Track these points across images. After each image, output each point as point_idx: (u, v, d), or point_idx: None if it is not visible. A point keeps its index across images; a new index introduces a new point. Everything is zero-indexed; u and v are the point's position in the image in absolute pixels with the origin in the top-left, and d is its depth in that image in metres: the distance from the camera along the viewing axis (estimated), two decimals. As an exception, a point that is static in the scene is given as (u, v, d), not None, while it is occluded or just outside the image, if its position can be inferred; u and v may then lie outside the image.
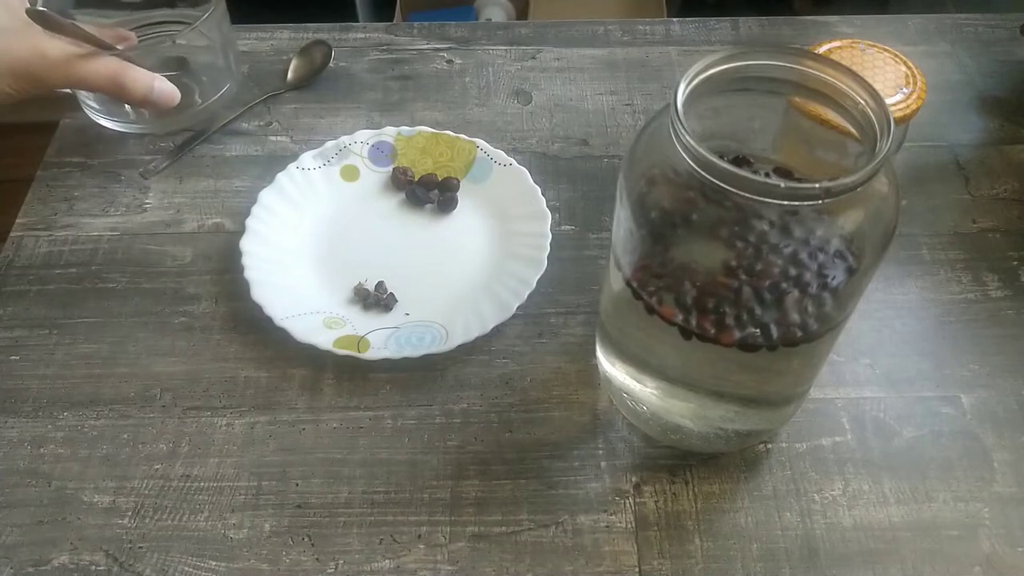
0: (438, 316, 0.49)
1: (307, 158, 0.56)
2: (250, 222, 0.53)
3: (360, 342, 0.47)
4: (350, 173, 0.57)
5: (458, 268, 0.52)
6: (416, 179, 0.56)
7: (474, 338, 0.47)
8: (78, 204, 0.57)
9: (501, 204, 0.55)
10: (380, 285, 0.51)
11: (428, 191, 0.56)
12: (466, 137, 0.57)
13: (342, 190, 0.56)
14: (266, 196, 0.54)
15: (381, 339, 0.48)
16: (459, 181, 0.56)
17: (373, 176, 0.57)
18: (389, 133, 0.58)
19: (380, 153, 0.57)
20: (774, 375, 0.40)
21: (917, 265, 0.53)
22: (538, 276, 0.49)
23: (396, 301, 0.50)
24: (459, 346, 0.47)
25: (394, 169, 0.57)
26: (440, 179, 0.56)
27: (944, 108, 0.62)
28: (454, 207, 0.55)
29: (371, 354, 0.47)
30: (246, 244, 0.51)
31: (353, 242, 0.54)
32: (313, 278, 0.51)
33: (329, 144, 0.57)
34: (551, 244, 0.51)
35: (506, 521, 0.43)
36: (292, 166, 0.56)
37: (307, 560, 0.41)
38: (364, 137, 0.58)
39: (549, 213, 0.52)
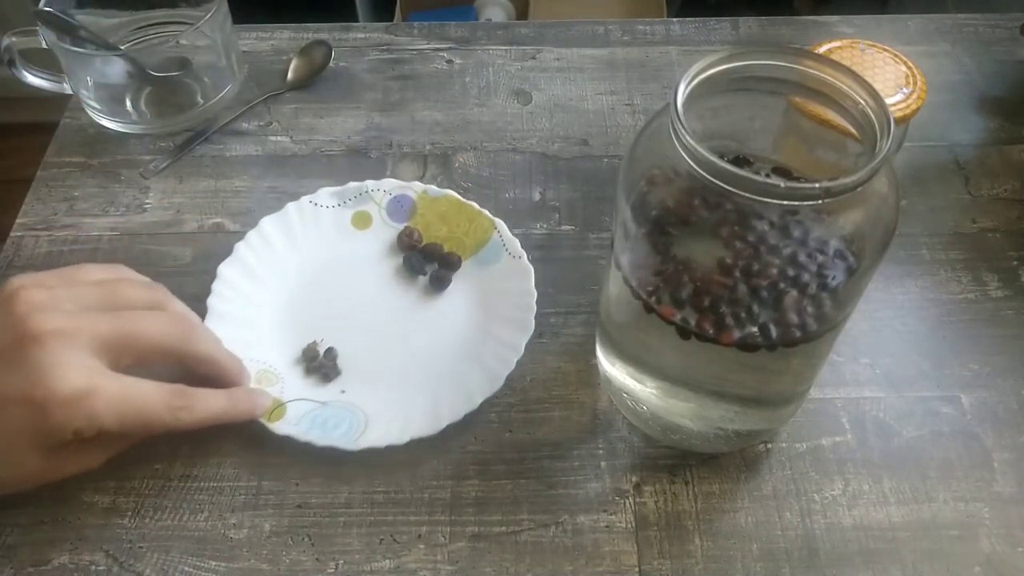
0: (371, 403, 0.45)
1: (324, 194, 0.54)
2: (240, 246, 0.51)
3: (275, 410, 0.44)
4: (362, 220, 0.53)
5: (420, 357, 0.48)
6: (422, 244, 0.52)
7: (385, 447, 0.43)
8: (78, 204, 0.57)
9: (491, 299, 0.49)
10: (329, 352, 0.48)
11: (426, 262, 0.52)
12: (489, 215, 0.52)
13: (346, 236, 0.53)
14: (267, 223, 0.52)
15: (300, 412, 0.45)
16: (461, 259, 0.51)
17: (384, 229, 0.53)
18: (415, 188, 0.54)
19: (399, 207, 0.54)
20: (774, 375, 0.40)
21: (917, 265, 0.53)
22: (490, 393, 0.45)
23: (339, 374, 0.47)
24: (368, 449, 0.43)
25: (405, 227, 0.53)
26: (445, 251, 0.52)
27: (944, 108, 0.62)
28: (444, 287, 0.51)
29: (277, 427, 0.44)
30: (224, 269, 0.50)
31: (330, 295, 0.50)
32: (273, 322, 0.49)
33: (352, 185, 0.54)
34: (551, 244, 0.51)
35: (506, 521, 0.43)
36: (305, 198, 0.53)
37: (307, 560, 0.41)
38: (388, 186, 0.54)
39: (533, 326, 0.47)
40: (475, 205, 0.52)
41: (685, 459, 0.45)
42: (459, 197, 0.53)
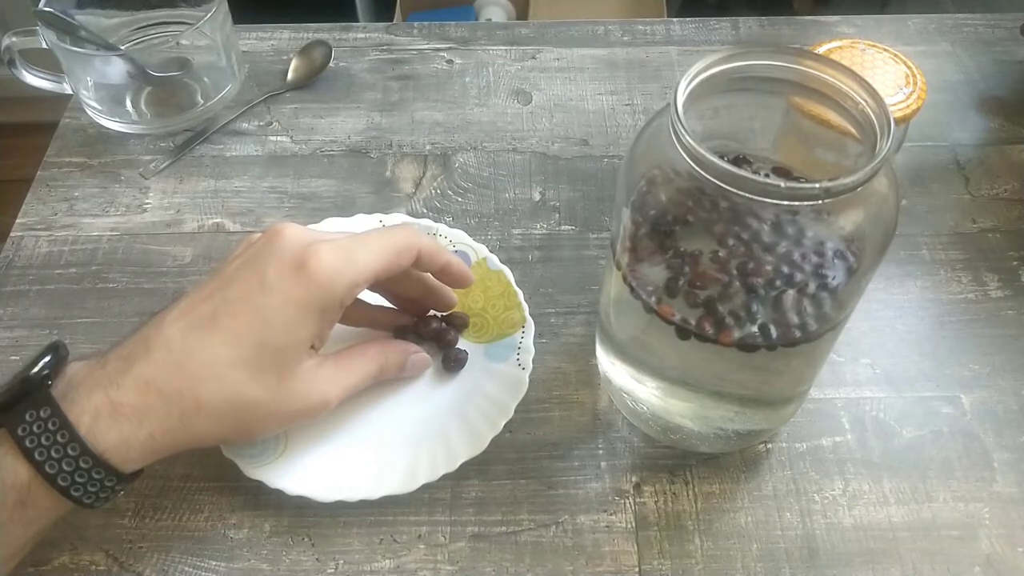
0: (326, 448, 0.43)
1: (396, 218, 0.52)
2: None
3: None
4: None
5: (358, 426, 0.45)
6: (446, 313, 0.48)
7: (357, 500, 0.41)
8: (78, 204, 0.57)
9: (471, 396, 0.45)
10: None
11: (426, 336, 0.47)
12: (527, 313, 0.48)
13: None
14: (329, 224, 0.51)
15: None
16: (466, 360, 0.47)
17: None
18: (479, 251, 0.50)
19: None
20: (774, 375, 0.40)
21: (917, 265, 0.53)
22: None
23: None
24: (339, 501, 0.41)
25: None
26: (451, 335, 0.47)
27: (944, 108, 0.62)
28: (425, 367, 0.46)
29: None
30: None
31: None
32: None
33: (425, 222, 0.52)
34: (551, 244, 0.51)
35: (506, 521, 0.43)
36: (378, 216, 0.52)
37: (307, 560, 0.41)
38: (456, 238, 0.51)
39: (499, 429, 0.43)
40: (520, 295, 0.48)
41: (685, 459, 0.45)
42: (512, 280, 0.49)
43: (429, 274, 0.44)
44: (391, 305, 0.47)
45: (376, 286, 0.43)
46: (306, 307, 0.37)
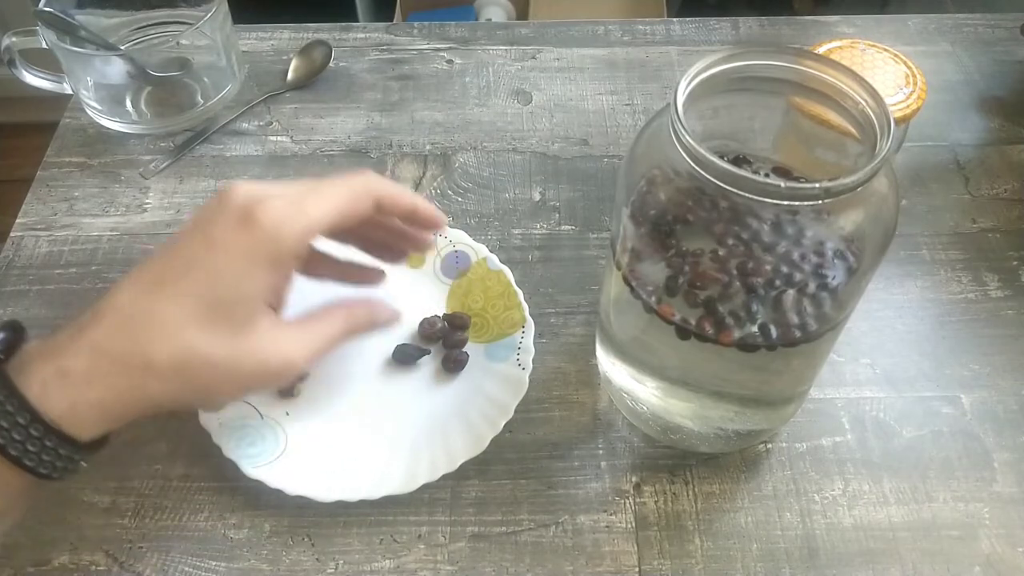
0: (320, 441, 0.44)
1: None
2: None
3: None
4: (416, 259, 0.50)
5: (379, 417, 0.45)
6: (446, 313, 0.49)
7: (357, 500, 0.42)
8: (78, 204, 0.57)
9: (472, 397, 0.46)
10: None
11: (429, 342, 0.48)
12: (527, 313, 0.48)
13: (394, 270, 0.46)
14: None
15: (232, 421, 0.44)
16: (466, 361, 0.47)
17: (430, 279, 0.50)
18: (479, 251, 0.50)
19: (454, 263, 0.50)
20: (774, 375, 0.40)
21: (917, 265, 0.53)
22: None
23: (294, 395, 0.46)
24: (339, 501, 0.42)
25: (433, 316, 0.49)
26: (457, 336, 0.47)
27: (944, 108, 0.62)
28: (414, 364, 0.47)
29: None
30: None
31: None
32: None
33: None
34: (551, 244, 0.51)
35: (506, 521, 0.43)
36: None
37: (307, 560, 0.41)
38: (456, 237, 0.51)
39: (500, 429, 0.44)
40: (520, 295, 0.48)
41: (685, 459, 0.45)
42: (511, 280, 0.49)
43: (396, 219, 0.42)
44: (363, 259, 0.45)
45: (341, 236, 0.42)
46: (253, 258, 0.36)
